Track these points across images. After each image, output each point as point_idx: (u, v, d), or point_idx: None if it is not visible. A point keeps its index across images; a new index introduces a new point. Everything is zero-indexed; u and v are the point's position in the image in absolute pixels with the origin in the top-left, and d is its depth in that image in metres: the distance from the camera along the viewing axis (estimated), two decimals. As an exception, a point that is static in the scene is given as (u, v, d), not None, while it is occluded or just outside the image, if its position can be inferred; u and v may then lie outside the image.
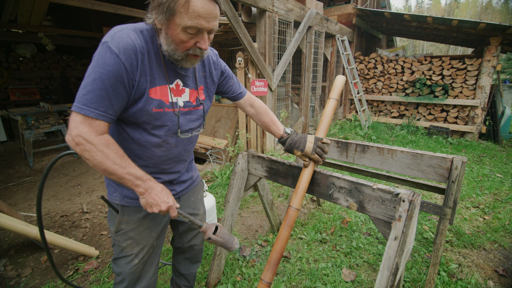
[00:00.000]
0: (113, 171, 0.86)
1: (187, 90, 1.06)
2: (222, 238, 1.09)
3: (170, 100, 0.99)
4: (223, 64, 1.22)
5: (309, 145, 1.24)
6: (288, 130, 1.34)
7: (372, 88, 6.97)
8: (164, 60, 0.95)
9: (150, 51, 0.92)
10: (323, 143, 1.27)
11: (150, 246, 1.15)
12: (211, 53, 1.18)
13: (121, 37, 0.84)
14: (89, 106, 0.82)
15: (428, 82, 6.06)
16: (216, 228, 1.09)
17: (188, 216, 1.06)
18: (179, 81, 1.02)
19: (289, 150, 1.30)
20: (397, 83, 6.55)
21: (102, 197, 1.07)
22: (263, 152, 4.32)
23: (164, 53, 0.93)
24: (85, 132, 0.82)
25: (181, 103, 1.04)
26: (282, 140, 1.34)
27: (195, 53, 0.92)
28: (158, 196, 0.95)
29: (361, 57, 7.00)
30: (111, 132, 1.00)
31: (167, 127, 1.02)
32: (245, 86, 4.09)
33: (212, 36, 0.93)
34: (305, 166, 1.30)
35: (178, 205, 1.02)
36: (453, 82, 5.81)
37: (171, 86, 1.00)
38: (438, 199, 3.14)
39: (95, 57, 0.84)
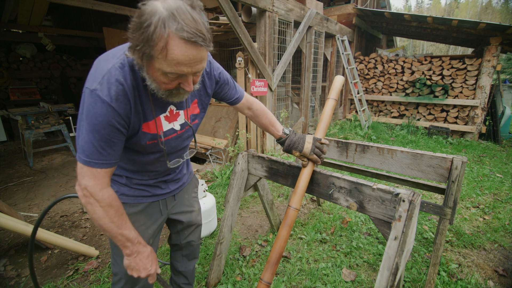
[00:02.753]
0: (107, 229, 0.89)
1: (181, 112, 1.05)
2: None
3: (163, 130, 1.00)
4: (217, 72, 1.14)
5: (308, 145, 1.24)
6: (287, 131, 1.33)
7: (372, 88, 6.97)
8: (151, 94, 0.90)
9: (140, 87, 0.87)
10: (322, 143, 1.27)
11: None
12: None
13: (110, 82, 0.79)
14: (92, 158, 0.83)
15: (428, 82, 6.06)
16: None
17: (166, 283, 1.14)
18: (172, 107, 1.00)
19: (288, 150, 1.30)
20: (397, 83, 6.55)
21: None
22: (263, 152, 4.32)
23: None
24: (91, 186, 0.85)
25: (177, 127, 1.04)
26: (281, 141, 1.33)
27: (179, 92, 0.85)
28: (142, 262, 0.97)
29: (361, 57, 7.00)
30: None
31: (161, 152, 1.05)
32: (245, 86, 4.09)
33: (200, 73, 0.84)
34: (304, 167, 1.30)
35: (159, 271, 1.06)
36: (453, 82, 5.81)
37: (164, 114, 0.99)
38: (438, 199, 3.14)
39: (85, 105, 0.80)
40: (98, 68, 0.81)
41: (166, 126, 1.00)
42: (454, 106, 5.91)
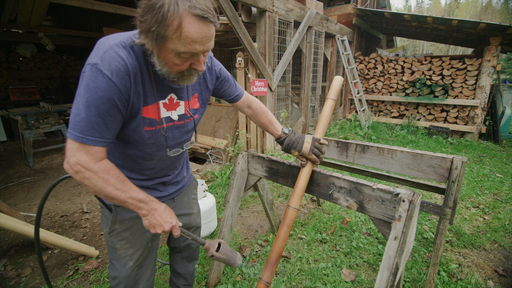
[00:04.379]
0: (115, 196, 0.86)
1: (181, 103, 1.03)
2: (225, 255, 1.10)
3: (161, 117, 0.97)
4: (218, 68, 1.16)
5: (307, 145, 1.24)
6: (286, 130, 1.33)
7: (372, 88, 6.97)
8: (154, 77, 0.90)
9: (142, 69, 0.86)
10: (321, 143, 1.26)
11: (145, 248, 1.14)
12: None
13: (111, 57, 0.78)
14: (85, 133, 0.79)
15: (428, 82, 6.06)
16: (219, 245, 1.10)
17: (191, 234, 1.07)
18: (173, 95, 0.99)
19: (287, 150, 1.30)
20: (397, 83, 6.55)
21: (96, 196, 1.05)
22: (263, 152, 4.32)
23: (158, 72, 0.88)
24: (84, 160, 0.80)
25: (175, 117, 1.02)
26: (280, 140, 1.33)
27: (190, 73, 0.88)
28: (161, 217, 0.95)
29: (361, 57, 7.00)
30: None
31: (159, 144, 1.01)
32: (245, 86, 4.09)
33: (207, 53, 0.87)
34: (303, 166, 1.30)
35: (180, 224, 1.03)
36: (453, 82, 5.81)
37: (163, 101, 0.97)
38: (438, 199, 3.14)
39: (85, 80, 0.77)
40: (100, 46, 0.81)
41: (163, 113, 0.98)
42: (454, 106, 5.91)
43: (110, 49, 0.79)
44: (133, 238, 1.10)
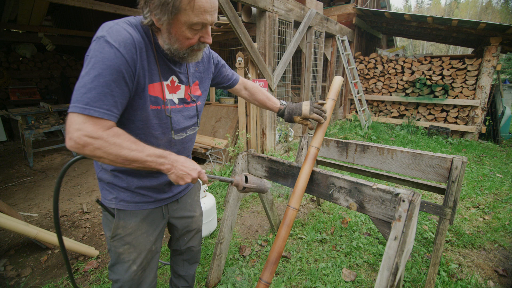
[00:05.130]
0: (133, 157, 0.80)
1: (182, 87, 1.05)
2: (255, 183, 1.14)
3: (166, 98, 0.97)
4: (215, 55, 1.23)
5: (306, 107, 1.30)
6: (284, 102, 1.40)
7: (372, 88, 6.97)
8: (157, 57, 0.93)
9: (148, 47, 0.89)
10: (320, 103, 1.32)
11: (148, 251, 1.11)
12: None
13: (118, 30, 0.80)
14: (92, 105, 0.75)
15: (428, 82, 6.05)
16: (246, 177, 1.14)
17: (218, 176, 1.06)
18: (174, 78, 1.01)
19: (289, 118, 1.35)
20: (397, 83, 6.55)
21: (98, 201, 1.04)
22: (263, 152, 4.32)
23: (166, 52, 0.91)
24: (91, 131, 0.75)
25: (176, 100, 1.02)
26: (280, 112, 1.39)
27: (199, 48, 0.92)
28: (185, 166, 0.90)
29: (361, 57, 7.00)
30: None
31: (164, 125, 1.00)
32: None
33: (212, 25, 0.93)
34: (310, 128, 1.35)
35: (204, 170, 1.01)
36: (453, 82, 5.81)
37: (166, 82, 0.98)
38: (438, 199, 3.13)
39: (91, 53, 0.78)
40: (104, 25, 0.83)
41: (167, 95, 0.99)
42: (454, 106, 5.91)
43: (116, 25, 0.82)
44: (136, 242, 1.07)
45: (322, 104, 1.33)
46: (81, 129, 0.74)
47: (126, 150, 0.79)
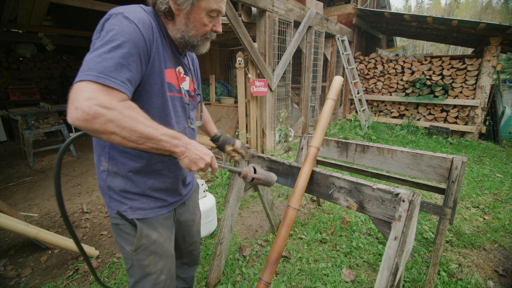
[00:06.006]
0: (148, 134, 0.70)
1: (187, 78, 1.05)
2: (263, 175, 1.17)
3: (179, 85, 0.98)
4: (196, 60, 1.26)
5: (238, 142, 1.39)
6: (219, 132, 1.44)
7: (372, 88, 6.97)
8: (169, 44, 0.94)
9: (161, 34, 0.90)
10: (247, 147, 1.43)
11: (172, 257, 1.09)
12: None
13: (134, 10, 0.80)
14: (108, 74, 0.67)
15: (428, 82, 6.06)
16: (254, 168, 1.15)
17: (227, 166, 1.06)
18: (181, 69, 1.01)
19: (222, 146, 1.38)
20: (397, 83, 6.55)
21: (118, 213, 0.93)
22: (263, 152, 4.32)
23: (176, 42, 0.95)
24: (105, 100, 0.65)
25: (184, 90, 1.03)
26: (215, 137, 1.41)
27: (210, 37, 0.96)
28: (198, 150, 0.82)
29: (361, 57, 7.00)
30: None
31: (177, 114, 0.98)
32: (245, 86, 4.09)
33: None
34: (236, 161, 1.44)
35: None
36: (453, 82, 5.81)
37: (176, 70, 0.98)
38: (438, 199, 3.13)
39: (108, 27, 0.73)
40: (117, 7, 0.81)
41: (179, 82, 1.00)
42: (454, 106, 5.91)
43: (131, 6, 0.83)
44: (161, 250, 1.02)
45: (248, 148, 1.44)
46: (93, 97, 0.64)
47: (142, 125, 0.70)
